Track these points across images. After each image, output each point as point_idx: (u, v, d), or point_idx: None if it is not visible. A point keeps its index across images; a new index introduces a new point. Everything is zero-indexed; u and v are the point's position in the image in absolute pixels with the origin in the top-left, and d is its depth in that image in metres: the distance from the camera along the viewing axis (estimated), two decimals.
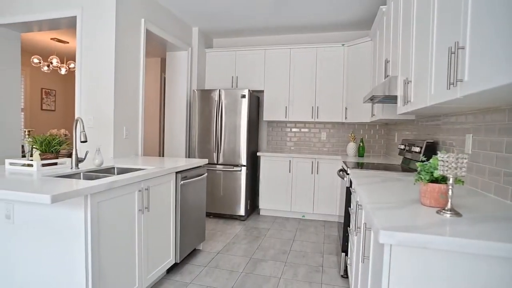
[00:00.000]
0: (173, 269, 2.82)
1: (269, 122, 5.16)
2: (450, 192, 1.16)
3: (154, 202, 2.39)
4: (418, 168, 1.34)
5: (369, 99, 2.89)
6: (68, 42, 5.79)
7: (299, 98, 4.65)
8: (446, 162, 1.14)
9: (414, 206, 1.31)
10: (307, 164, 4.40)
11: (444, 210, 1.17)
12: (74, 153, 2.38)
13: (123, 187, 2.00)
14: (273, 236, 3.78)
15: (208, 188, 4.43)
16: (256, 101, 4.80)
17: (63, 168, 2.38)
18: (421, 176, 1.30)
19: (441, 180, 1.26)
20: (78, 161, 2.41)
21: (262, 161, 4.56)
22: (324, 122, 4.90)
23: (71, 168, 2.37)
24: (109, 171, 2.63)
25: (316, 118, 4.59)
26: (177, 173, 2.69)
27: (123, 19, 3.32)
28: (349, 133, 4.82)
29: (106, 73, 3.26)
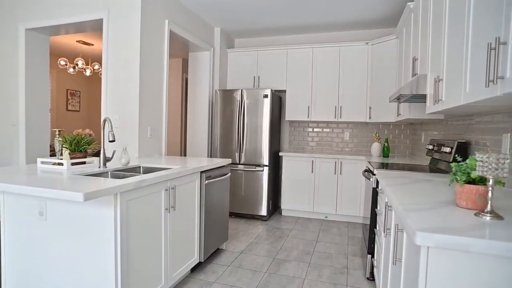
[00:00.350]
0: (197, 268, 2.85)
1: (291, 122, 5.13)
2: (490, 193, 1.11)
3: (179, 201, 2.41)
4: (453, 168, 1.29)
5: (395, 99, 2.82)
6: (93, 44, 5.95)
7: (322, 97, 4.60)
8: (486, 162, 1.10)
9: (449, 208, 1.27)
10: (330, 164, 4.34)
11: (483, 213, 1.12)
12: (102, 152, 2.43)
13: (151, 186, 2.03)
14: (296, 236, 3.75)
15: (230, 187, 4.44)
16: (278, 101, 4.78)
17: (91, 167, 2.44)
18: (456, 177, 1.25)
19: (478, 181, 1.21)
20: (105, 160, 2.46)
21: (284, 161, 4.54)
22: (347, 122, 4.83)
23: (99, 167, 2.42)
24: (135, 170, 2.68)
25: (339, 118, 4.53)
26: (201, 172, 2.71)
27: (148, 21, 3.38)
28: (373, 133, 4.73)
29: (131, 74, 3.32)
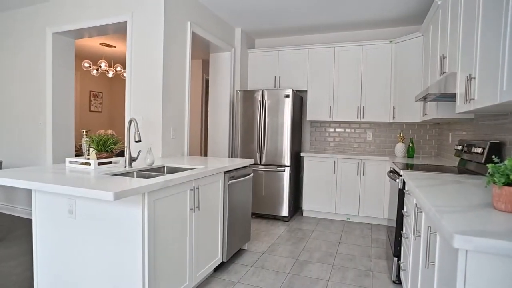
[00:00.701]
0: (219, 268, 2.86)
1: (312, 122, 5.09)
2: None
3: (204, 201, 2.43)
4: (489, 170, 1.24)
5: (421, 98, 2.75)
6: (115, 47, 6.07)
7: (344, 97, 4.55)
8: None
9: (486, 211, 1.22)
10: (353, 165, 4.28)
11: None
12: (127, 152, 2.48)
13: (177, 186, 2.05)
14: (318, 238, 3.72)
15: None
16: (299, 101, 4.75)
17: (117, 166, 2.49)
18: (494, 178, 1.20)
19: None
20: (131, 160, 2.51)
21: (306, 161, 4.51)
22: (369, 122, 4.75)
23: (125, 166, 2.47)
24: (159, 170, 2.71)
25: (361, 118, 4.46)
26: (225, 172, 2.72)
27: (171, 23, 3.42)
28: (396, 133, 4.64)
29: (154, 75, 3.37)
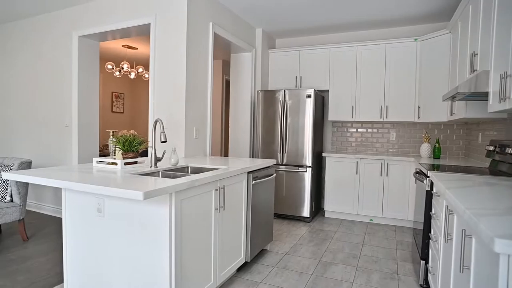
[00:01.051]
0: (242, 268, 2.87)
1: (333, 122, 5.04)
2: None
3: (228, 201, 2.44)
4: None
5: (450, 97, 2.67)
6: (137, 48, 6.18)
7: (367, 97, 4.47)
8: None
9: None
10: (376, 165, 4.21)
11: None
12: (153, 152, 2.51)
13: (202, 186, 2.07)
14: (340, 239, 3.67)
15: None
16: (320, 100, 4.71)
17: (143, 166, 2.53)
18: None
19: None
20: (156, 160, 2.54)
21: (328, 162, 4.46)
22: (393, 122, 4.65)
23: (150, 166, 2.50)
24: (183, 170, 2.74)
25: (385, 117, 4.37)
26: (248, 173, 2.72)
27: (193, 24, 3.45)
28: (421, 133, 4.52)
29: (177, 76, 3.41)
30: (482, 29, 2.42)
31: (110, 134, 2.76)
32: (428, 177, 2.44)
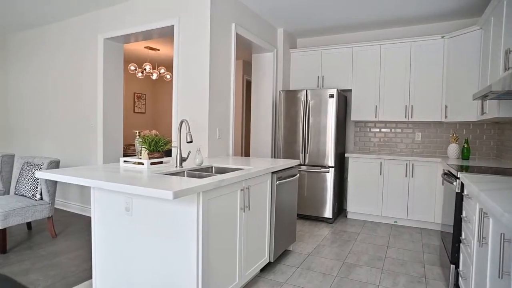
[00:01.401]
0: (266, 268, 2.86)
1: (356, 122, 4.96)
2: None
3: (253, 201, 2.44)
4: None
5: (481, 96, 2.58)
6: (159, 50, 6.27)
7: (391, 96, 4.39)
8: None
9: None
10: (400, 166, 4.12)
11: None
12: (178, 152, 2.55)
13: (228, 186, 2.08)
14: (364, 241, 3.62)
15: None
16: (343, 100, 4.65)
17: (168, 166, 2.56)
18: None
19: None
20: (182, 160, 2.57)
21: (351, 162, 4.40)
22: (418, 122, 4.54)
23: (176, 166, 2.54)
24: (207, 170, 2.76)
25: (409, 117, 4.27)
26: (273, 173, 2.72)
27: (216, 25, 3.47)
28: (448, 133, 4.40)
29: (201, 77, 3.44)
30: None
31: (137, 134, 2.81)
32: (458, 178, 2.37)
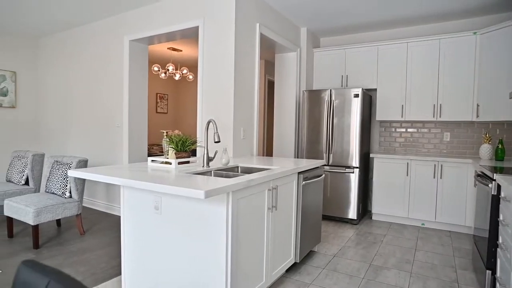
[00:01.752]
0: (291, 269, 2.85)
1: (381, 122, 4.87)
2: None
3: (280, 201, 2.43)
4: None
5: None
6: (181, 50, 6.34)
7: (418, 95, 4.28)
8: None
9: None
10: (428, 167, 4.01)
11: None
12: (205, 152, 2.56)
13: (257, 186, 2.07)
14: (391, 243, 3.54)
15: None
16: (368, 100, 4.57)
17: (195, 166, 2.58)
18: None
19: None
20: (208, 160, 2.59)
21: (376, 163, 4.32)
22: (447, 122, 4.40)
23: (203, 166, 2.55)
24: (233, 170, 2.77)
25: (438, 117, 4.15)
26: (299, 173, 2.70)
27: (241, 25, 3.48)
28: (480, 133, 4.24)
29: (226, 77, 3.45)
30: None
31: (164, 134, 2.85)
32: (494, 180, 2.29)
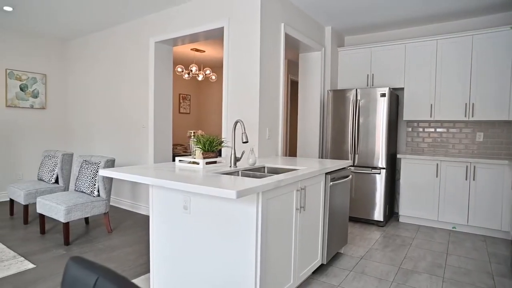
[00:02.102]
0: (318, 270, 2.81)
1: (408, 122, 4.74)
2: None
3: (308, 202, 2.40)
4: None
5: None
6: (204, 51, 6.39)
7: (448, 94, 4.14)
8: None
9: None
10: (460, 168, 3.86)
11: None
12: (232, 152, 2.56)
13: (285, 186, 2.05)
14: (420, 246, 3.43)
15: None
16: (395, 99, 4.46)
17: (222, 166, 2.58)
18: None
19: None
20: (236, 160, 2.58)
21: (403, 164, 4.21)
22: (480, 121, 4.23)
23: (230, 166, 2.55)
24: (260, 170, 2.76)
25: (470, 116, 4.00)
26: (326, 174, 2.66)
27: (266, 26, 3.46)
28: None
29: (251, 77, 3.44)
30: None
31: (192, 134, 2.87)
32: None
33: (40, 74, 5.60)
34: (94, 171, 3.69)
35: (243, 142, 2.40)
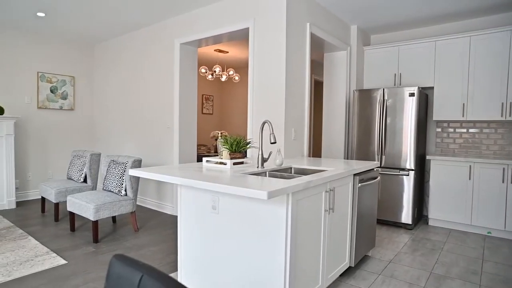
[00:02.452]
0: (345, 273, 2.75)
1: (438, 122, 4.58)
2: None
3: (336, 204, 2.35)
4: None
5: None
6: (227, 52, 6.41)
7: (482, 93, 3.97)
8: None
9: None
10: (496, 170, 3.70)
11: None
12: (260, 153, 2.55)
13: (315, 187, 2.02)
14: (452, 251, 3.31)
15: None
16: (424, 99, 4.32)
17: (249, 166, 2.57)
18: None
19: None
20: (263, 160, 2.57)
21: (433, 165, 4.07)
22: None
23: (257, 167, 2.54)
24: (287, 171, 2.73)
25: (507, 116, 3.82)
26: (354, 175, 2.60)
27: (291, 26, 3.43)
28: None
29: (277, 78, 3.42)
30: None
31: (219, 135, 2.88)
32: None
33: (68, 77, 5.79)
34: (121, 171, 3.76)
35: (271, 143, 2.38)
